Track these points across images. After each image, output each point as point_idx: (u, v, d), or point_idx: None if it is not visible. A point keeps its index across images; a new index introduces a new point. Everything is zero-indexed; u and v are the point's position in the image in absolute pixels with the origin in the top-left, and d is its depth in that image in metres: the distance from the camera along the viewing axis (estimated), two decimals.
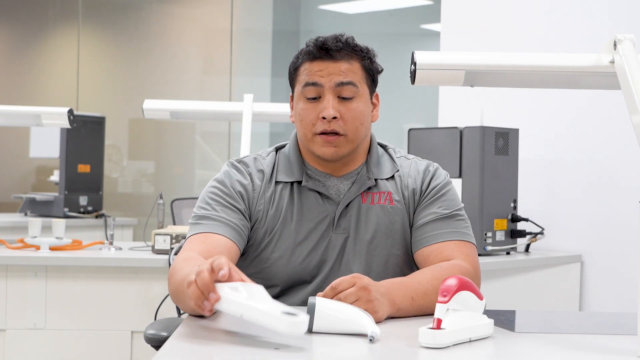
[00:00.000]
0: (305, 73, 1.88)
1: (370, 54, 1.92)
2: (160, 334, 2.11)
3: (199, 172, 6.32)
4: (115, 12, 6.63)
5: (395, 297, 1.66)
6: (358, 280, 1.59)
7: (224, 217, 1.84)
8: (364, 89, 1.90)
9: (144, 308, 3.09)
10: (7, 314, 3.10)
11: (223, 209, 1.85)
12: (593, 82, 1.82)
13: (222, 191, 1.88)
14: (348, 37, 1.90)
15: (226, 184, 1.90)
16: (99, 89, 6.59)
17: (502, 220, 3.38)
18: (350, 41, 1.89)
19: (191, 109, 3.64)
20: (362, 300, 1.57)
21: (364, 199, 1.91)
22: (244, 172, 1.92)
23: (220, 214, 1.84)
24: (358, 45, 1.90)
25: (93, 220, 4.88)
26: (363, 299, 1.57)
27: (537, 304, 3.45)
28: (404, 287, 1.70)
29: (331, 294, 1.57)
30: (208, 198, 1.88)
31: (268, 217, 1.89)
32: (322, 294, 1.57)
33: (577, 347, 1.46)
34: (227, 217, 1.84)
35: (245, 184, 1.90)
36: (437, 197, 1.92)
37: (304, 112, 1.88)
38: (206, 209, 1.86)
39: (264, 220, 1.89)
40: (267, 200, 1.90)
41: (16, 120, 3.31)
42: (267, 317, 1.38)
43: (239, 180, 1.90)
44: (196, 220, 1.86)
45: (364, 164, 1.94)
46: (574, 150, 3.66)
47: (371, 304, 1.58)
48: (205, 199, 1.89)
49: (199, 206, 1.88)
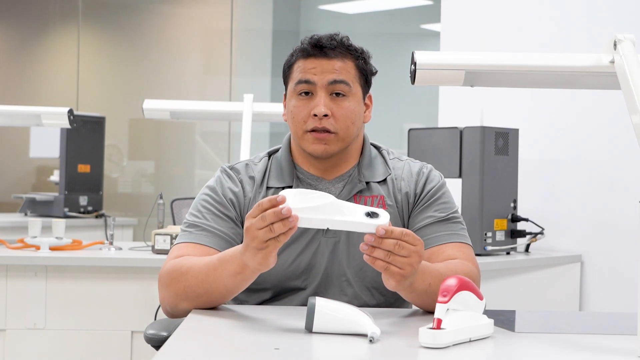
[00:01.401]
0: (298, 70, 1.89)
1: (364, 54, 1.92)
2: (160, 334, 2.11)
3: (199, 172, 6.32)
4: (115, 12, 6.64)
5: (417, 277, 1.64)
6: (420, 245, 1.56)
7: (215, 226, 1.85)
8: (356, 89, 1.90)
9: (144, 308, 3.10)
10: (7, 314, 3.10)
11: (214, 217, 1.87)
12: (593, 82, 1.81)
13: (213, 199, 1.90)
14: (343, 37, 1.90)
15: (217, 191, 1.91)
16: (99, 89, 6.59)
17: (502, 220, 3.38)
18: (345, 41, 1.89)
19: (191, 109, 3.64)
20: (406, 262, 1.54)
21: (357, 203, 1.90)
22: (235, 179, 1.93)
23: (211, 223, 1.86)
24: (352, 45, 1.91)
25: (93, 220, 4.88)
26: (408, 261, 1.54)
27: (537, 304, 3.45)
28: (426, 271, 1.68)
29: (395, 239, 1.53)
30: (200, 205, 1.90)
31: None
32: (389, 229, 1.52)
33: (577, 347, 1.46)
34: (217, 226, 1.86)
35: (236, 191, 1.91)
36: (433, 200, 1.91)
37: (295, 109, 1.89)
38: (197, 216, 1.88)
39: None
40: None
41: (16, 120, 3.31)
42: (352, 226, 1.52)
43: (230, 188, 1.91)
44: (187, 228, 1.87)
45: (356, 166, 1.94)
46: (574, 150, 3.66)
47: (410, 268, 1.55)
48: (197, 206, 1.90)
49: (191, 213, 1.90)
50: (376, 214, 1.52)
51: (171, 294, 1.74)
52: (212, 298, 1.70)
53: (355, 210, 1.53)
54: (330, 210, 1.52)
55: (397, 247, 1.52)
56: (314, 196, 1.52)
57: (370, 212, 1.52)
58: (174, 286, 1.73)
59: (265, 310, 1.75)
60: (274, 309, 1.77)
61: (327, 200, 1.52)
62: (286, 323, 1.58)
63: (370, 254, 1.53)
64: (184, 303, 1.73)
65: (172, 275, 1.74)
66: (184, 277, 1.71)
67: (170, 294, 1.74)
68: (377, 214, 1.52)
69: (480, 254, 3.28)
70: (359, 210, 1.53)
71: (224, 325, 1.57)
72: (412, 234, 1.55)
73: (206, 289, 1.68)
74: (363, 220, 1.51)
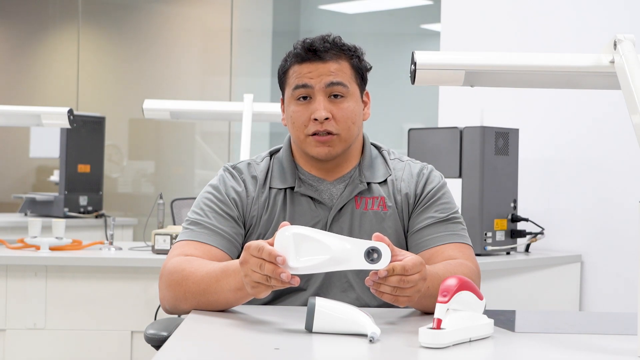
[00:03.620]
0: (294, 76, 1.88)
1: (358, 52, 1.92)
2: (160, 334, 2.11)
3: (199, 172, 6.32)
4: (115, 12, 6.64)
5: None
6: (422, 268, 1.56)
7: (217, 225, 1.85)
8: (354, 88, 1.90)
9: (144, 308, 3.10)
10: (7, 314, 3.10)
11: (216, 216, 1.87)
12: (593, 82, 1.81)
13: (216, 197, 1.90)
14: (335, 37, 1.89)
15: (220, 190, 1.91)
16: (99, 89, 6.59)
17: (502, 220, 3.38)
18: (338, 41, 1.89)
19: (191, 109, 3.64)
20: (413, 290, 1.54)
21: (358, 205, 1.90)
22: (238, 178, 1.93)
23: (213, 222, 1.86)
24: (345, 44, 1.90)
25: (93, 220, 4.88)
26: (415, 289, 1.55)
27: (537, 304, 3.45)
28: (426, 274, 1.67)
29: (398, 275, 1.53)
30: (202, 204, 1.90)
31: (261, 222, 1.89)
32: (390, 269, 1.52)
33: (577, 347, 1.46)
34: (219, 225, 1.86)
35: (239, 191, 1.91)
36: (433, 201, 1.92)
37: (295, 115, 1.88)
38: (200, 214, 1.87)
39: (257, 225, 1.89)
40: (262, 205, 1.90)
41: (16, 120, 3.31)
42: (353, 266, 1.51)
43: (233, 187, 1.91)
44: (189, 225, 1.87)
45: (357, 167, 1.94)
46: (574, 150, 3.66)
47: (417, 294, 1.56)
48: (200, 204, 1.90)
49: (193, 211, 1.90)
50: (377, 251, 1.50)
51: (171, 296, 1.74)
52: (212, 307, 1.70)
53: (356, 254, 1.51)
54: (329, 264, 1.51)
55: (402, 282, 1.53)
56: (313, 246, 1.51)
57: (370, 249, 1.50)
58: (174, 289, 1.73)
59: (265, 310, 1.75)
60: (274, 309, 1.77)
61: (326, 257, 1.50)
62: (286, 323, 1.58)
63: (377, 289, 1.55)
64: (184, 305, 1.73)
65: (173, 276, 1.74)
66: (185, 282, 1.71)
67: (170, 295, 1.74)
68: (379, 252, 1.50)
69: (480, 254, 3.28)
70: (359, 253, 1.51)
71: (224, 325, 1.57)
72: (413, 262, 1.54)
73: (207, 299, 1.68)
74: (365, 266, 1.51)
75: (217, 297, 1.67)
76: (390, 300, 1.56)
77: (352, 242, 1.52)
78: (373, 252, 1.51)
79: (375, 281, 1.53)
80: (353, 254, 1.51)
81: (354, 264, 1.51)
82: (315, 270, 1.52)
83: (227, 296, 1.65)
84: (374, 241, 1.52)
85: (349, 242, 1.52)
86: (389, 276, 1.52)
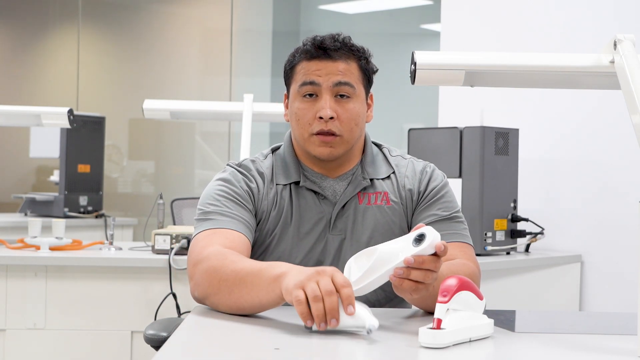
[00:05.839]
0: (302, 72, 1.88)
1: (366, 54, 1.92)
2: (160, 334, 2.12)
3: (199, 172, 6.32)
4: (115, 12, 6.64)
5: None
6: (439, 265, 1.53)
7: (237, 213, 1.83)
8: (360, 90, 1.90)
9: (144, 308, 3.10)
10: (7, 314, 3.10)
11: (234, 205, 1.84)
12: (593, 82, 1.82)
13: (230, 189, 1.87)
14: (345, 37, 1.89)
15: (234, 182, 1.88)
16: (99, 89, 6.59)
17: (502, 220, 3.38)
18: (348, 41, 1.89)
19: (191, 109, 3.64)
20: (424, 286, 1.52)
21: (361, 200, 1.91)
22: (247, 175, 1.92)
23: (233, 210, 1.83)
24: (355, 45, 1.90)
25: (93, 220, 4.88)
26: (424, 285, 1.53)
27: (537, 304, 3.45)
28: None
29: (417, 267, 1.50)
30: (216, 195, 1.86)
31: (270, 218, 1.89)
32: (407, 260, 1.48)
33: (577, 347, 1.46)
34: (238, 213, 1.83)
35: (252, 187, 1.89)
36: (436, 199, 1.92)
37: (300, 112, 1.88)
38: (216, 205, 1.83)
39: (266, 221, 1.89)
40: (271, 201, 1.90)
41: (16, 120, 3.31)
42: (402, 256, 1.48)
43: (246, 181, 1.90)
44: (207, 216, 1.82)
45: (359, 164, 1.94)
46: (574, 150, 3.66)
47: (426, 288, 1.53)
48: (213, 196, 1.86)
49: (207, 203, 1.85)
50: (423, 236, 1.49)
51: (207, 284, 1.67)
52: (240, 302, 1.62)
53: (403, 246, 1.50)
54: (377, 266, 1.50)
55: (423, 278, 1.50)
56: (362, 259, 1.52)
57: (418, 236, 1.49)
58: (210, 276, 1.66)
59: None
60: (274, 309, 1.77)
61: (372, 258, 1.50)
62: (286, 323, 1.58)
63: (406, 276, 1.50)
64: (214, 297, 1.66)
65: (211, 262, 1.67)
66: (222, 269, 1.64)
67: (206, 282, 1.67)
68: (424, 236, 1.49)
69: (480, 254, 3.28)
70: (407, 244, 1.50)
71: (224, 325, 1.57)
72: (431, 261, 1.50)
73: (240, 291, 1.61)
74: (413, 251, 1.48)
75: (250, 291, 1.58)
76: (410, 288, 1.51)
77: (398, 239, 1.53)
78: (421, 237, 1.49)
79: (409, 266, 1.48)
80: (400, 246, 1.50)
81: (403, 254, 1.48)
82: (368, 280, 1.50)
83: (260, 293, 1.56)
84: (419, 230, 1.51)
85: (394, 242, 1.53)
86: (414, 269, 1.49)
